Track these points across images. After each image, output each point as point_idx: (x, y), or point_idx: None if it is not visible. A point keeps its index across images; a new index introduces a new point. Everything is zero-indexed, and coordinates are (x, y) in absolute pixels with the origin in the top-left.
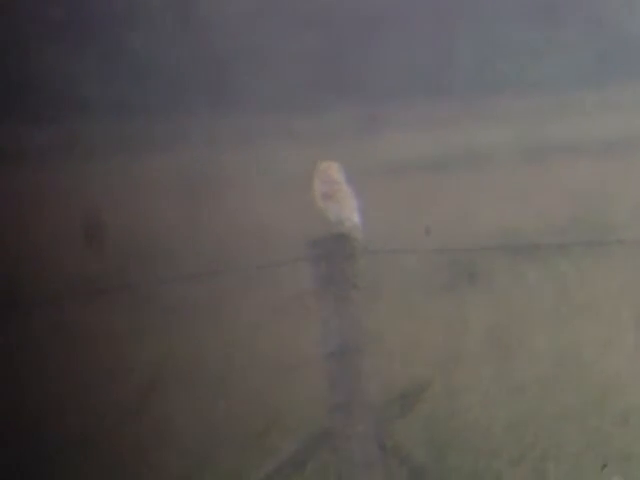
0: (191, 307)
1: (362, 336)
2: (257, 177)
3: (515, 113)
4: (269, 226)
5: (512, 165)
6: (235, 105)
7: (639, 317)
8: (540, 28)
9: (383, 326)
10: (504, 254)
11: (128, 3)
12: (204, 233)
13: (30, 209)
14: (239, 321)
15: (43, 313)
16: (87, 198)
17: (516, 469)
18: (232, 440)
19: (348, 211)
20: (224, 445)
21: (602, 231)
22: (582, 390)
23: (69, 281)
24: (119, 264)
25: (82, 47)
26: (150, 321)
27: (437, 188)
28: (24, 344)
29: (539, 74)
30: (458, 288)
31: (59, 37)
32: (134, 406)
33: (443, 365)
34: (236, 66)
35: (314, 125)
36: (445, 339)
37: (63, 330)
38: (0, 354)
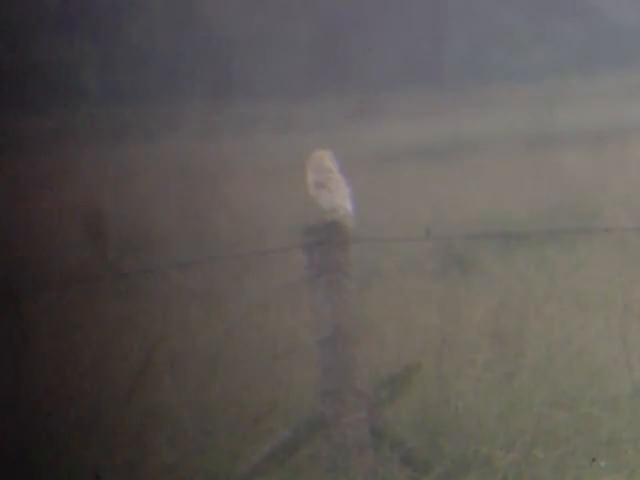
0: (183, 294)
1: (354, 323)
2: (251, 165)
3: (505, 102)
4: (262, 214)
5: (502, 153)
6: (228, 93)
7: (628, 305)
8: (530, 17)
9: (375, 313)
10: (495, 241)
11: None
12: (199, 220)
13: (27, 198)
14: (231, 309)
15: (40, 301)
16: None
17: (506, 455)
18: (225, 426)
19: (340, 199)
20: (216, 432)
21: (591, 219)
22: (572, 377)
23: (66, 269)
24: (114, 252)
25: (78, 36)
26: (143, 308)
27: (429, 176)
28: (20, 332)
29: (530, 63)
30: (450, 275)
31: (56, 25)
32: (126, 392)
33: (435, 351)
34: (229, 55)
35: (308, 113)
36: (437, 326)
37: (58, 317)
38: None
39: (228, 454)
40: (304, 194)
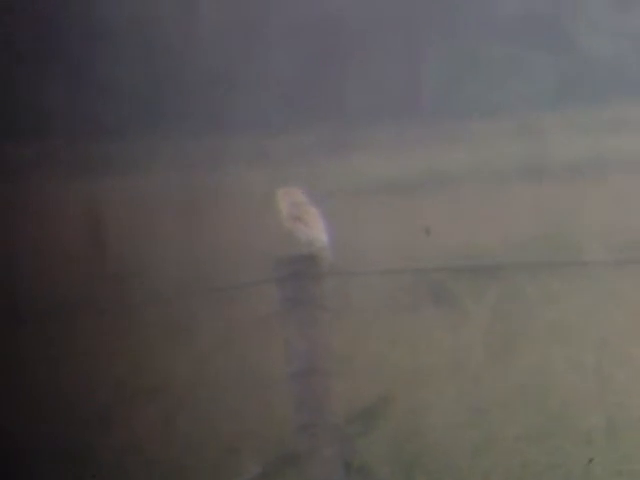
0: (158, 328)
1: (328, 357)
2: (226, 198)
3: (481, 135)
4: (237, 247)
5: (477, 187)
6: (205, 127)
7: (602, 338)
8: (506, 50)
9: (349, 346)
10: (468, 274)
11: (93, 30)
12: (172, 254)
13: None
14: (205, 342)
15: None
16: None
17: None
18: (197, 459)
19: (316, 232)
20: (189, 464)
21: (565, 252)
22: (545, 410)
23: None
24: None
25: (50, 68)
26: (117, 340)
27: (403, 209)
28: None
29: (505, 96)
30: (423, 308)
31: (28, 59)
32: (99, 424)
33: (408, 385)
34: (206, 88)
35: (284, 146)
36: (410, 359)
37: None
38: None
39: None
40: (279, 227)
